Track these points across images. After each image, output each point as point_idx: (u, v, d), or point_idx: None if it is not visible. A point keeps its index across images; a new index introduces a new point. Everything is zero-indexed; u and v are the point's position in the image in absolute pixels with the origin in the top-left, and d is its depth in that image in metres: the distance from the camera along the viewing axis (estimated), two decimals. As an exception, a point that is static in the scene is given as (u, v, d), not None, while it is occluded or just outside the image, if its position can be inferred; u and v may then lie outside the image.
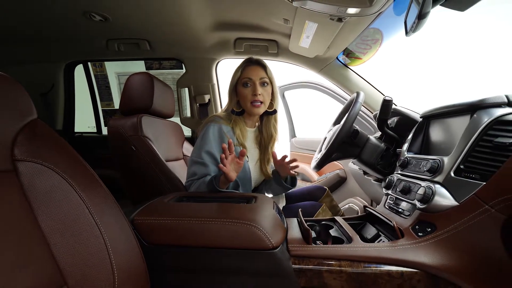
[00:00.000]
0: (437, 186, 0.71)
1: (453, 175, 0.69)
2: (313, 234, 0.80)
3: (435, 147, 0.91)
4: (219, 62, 1.96)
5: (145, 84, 1.31)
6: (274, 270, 0.64)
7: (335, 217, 0.90)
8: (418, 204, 0.73)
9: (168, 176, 1.22)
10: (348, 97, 1.78)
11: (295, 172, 1.09)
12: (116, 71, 2.29)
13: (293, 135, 2.61)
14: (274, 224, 0.68)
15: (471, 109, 0.73)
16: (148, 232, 0.67)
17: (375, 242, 0.76)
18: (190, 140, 1.77)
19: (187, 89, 2.02)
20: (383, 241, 0.75)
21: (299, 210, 0.86)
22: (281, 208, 1.22)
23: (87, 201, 0.50)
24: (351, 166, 1.58)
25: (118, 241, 0.52)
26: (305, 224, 0.74)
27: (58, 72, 2.05)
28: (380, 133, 1.19)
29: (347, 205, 1.72)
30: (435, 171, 0.74)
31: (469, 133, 0.68)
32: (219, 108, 2.06)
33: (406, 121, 1.16)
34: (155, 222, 0.68)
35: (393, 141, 1.13)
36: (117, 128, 1.24)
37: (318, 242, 0.76)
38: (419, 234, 0.68)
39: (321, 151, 1.22)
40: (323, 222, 0.89)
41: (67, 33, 1.61)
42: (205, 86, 1.99)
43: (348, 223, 0.84)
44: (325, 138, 1.28)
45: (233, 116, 1.13)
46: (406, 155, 0.94)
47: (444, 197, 0.68)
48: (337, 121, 1.31)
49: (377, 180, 1.24)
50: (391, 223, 0.74)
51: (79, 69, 2.16)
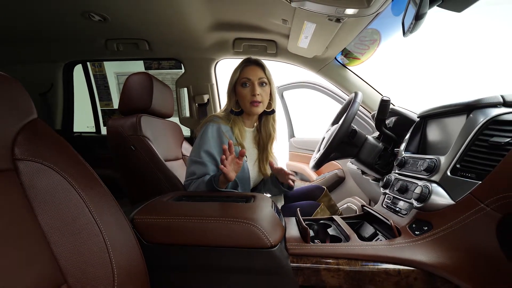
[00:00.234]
0: (434, 185, 0.71)
1: (449, 174, 0.70)
2: (311, 233, 0.81)
3: (432, 146, 0.91)
4: (218, 62, 1.97)
5: (144, 84, 1.31)
6: (272, 268, 0.64)
7: (333, 216, 0.90)
8: (415, 203, 0.74)
9: (167, 175, 1.22)
10: (346, 97, 1.79)
11: (292, 176, 1.10)
12: (115, 71, 2.29)
13: (291, 135, 2.61)
14: (272, 223, 0.69)
15: (467, 109, 0.74)
16: (147, 231, 0.67)
17: (373, 240, 0.76)
18: (189, 140, 1.77)
19: (186, 89, 2.03)
20: (381, 240, 0.75)
21: (298, 209, 0.87)
22: (280, 207, 1.22)
23: (87, 200, 0.50)
24: (350, 165, 1.58)
25: (117, 240, 0.52)
26: (303, 223, 0.75)
27: (57, 72, 2.05)
28: (378, 133, 1.19)
29: (345, 205, 1.72)
30: (431, 170, 0.75)
31: (465, 133, 0.69)
32: (218, 108, 2.07)
33: (403, 121, 1.17)
34: (154, 221, 0.68)
35: (391, 141, 1.14)
36: (117, 128, 1.25)
37: (316, 241, 0.76)
38: (416, 232, 0.69)
39: (319, 151, 1.23)
40: (321, 221, 0.89)
41: (66, 33, 1.61)
42: (204, 86, 1.99)
43: (346, 222, 0.84)
44: (324, 138, 1.29)
45: (232, 116, 1.14)
46: (403, 155, 0.94)
47: (440, 196, 0.69)
48: (335, 121, 1.32)
49: (375, 179, 1.24)
50: (388, 222, 0.74)
51: (78, 69, 2.16)
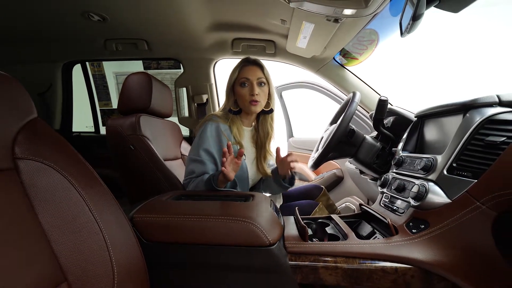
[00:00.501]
0: (431, 184, 0.72)
1: (446, 173, 0.70)
2: (310, 231, 0.81)
3: (429, 146, 0.92)
4: (217, 62, 1.97)
5: (143, 84, 1.31)
6: (271, 266, 0.65)
7: (331, 215, 0.91)
8: (412, 201, 0.75)
9: (166, 175, 1.23)
10: (344, 97, 1.79)
11: (293, 172, 1.11)
12: (114, 70, 2.29)
13: (290, 134, 2.62)
14: (271, 221, 0.69)
15: (463, 108, 0.75)
16: (147, 229, 0.68)
17: (370, 239, 0.77)
18: (188, 139, 1.78)
19: (185, 89, 2.03)
20: (378, 238, 0.76)
21: (296, 208, 0.88)
22: (279, 206, 1.23)
23: (87, 199, 0.50)
24: (348, 165, 1.59)
25: (117, 238, 0.53)
26: (302, 221, 0.75)
27: (56, 71, 2.05)
28: (376, 132, 1.20)
29: (344, 204, 1.73)
30: (428, 169, 0.76)
31: (461, 132, 0.70)
32: (216, 107, 2.07)
33: (401, 121, 1.18)
34: (153, 219, 0.68)
35: (389, 141, 1.14)
36: (116, 127, 1.25)
37: (314, 239, 0.77)
38: (413, 231, 0.70)
39: (318, 150, 1.23)
40: (320, 220, 0.90)
41: (65, 33, 1.61)
42: (203, 86, 2.00)
43: (344, 221, 0.85)
44: (322, 137, 1.29)
45: (230, 115, 1.14)
46: (401, 154, 0.95)
47: (437, 195, 0.69)
48: (333, 121, 1.32)
49: (373, 179, 1.25)
50: (386, 220, 0.75)
51: (77, 69, 2.16)
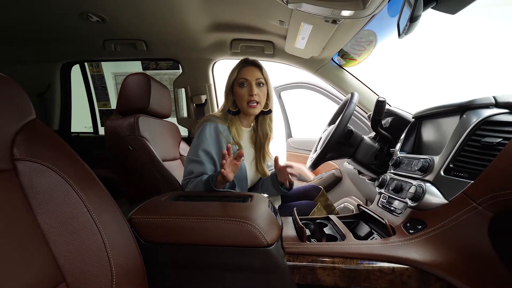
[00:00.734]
0: (428, 184, 0.72)
1: (442, 174, 0.71)
2: (308, 232, 0.82)
3: (426, 146, 0.93)
4: (215, 62, 1.97)
5: (142, 84, 1.31)
6: (269, 266, 0.65)
7: (330, 216, 0.91)
8: (409, 202, 0.75)
9: (165, 175, 1.23)
10: (343, 98, 1.80)
11: (292, 178, 1.11)
12: (113, 71, 2.29)
13: (289, 135, 2.62)
14: (269, 222, 0.69)
15: (460, 109, 0.75)
16: (145, 230, 0.68)
17: (368, 239, 0.77)
18: (186, 140, 1.78)
19: (183, 89, 2.03)
20: (376, 239, 0.76)
21: (294, 209, 0.88)
22: (277, 207, 1.23)
23: (86, 200, 0.50)
24: (346, 165, 1.59)
25: (116, 239, 0.53)
26: (300, 222, 0.76)
27: (54, 72, 2.04)
28: (374, 133, 1.20)
29: (342, 204, 1.74)
30: (426, 170, 0.76)
31: (458, 133, 0.70)
32: (215, 108, 2.08)
33: (399, 121, 1.18)
34: (152, 220, 0.69)
35: (387, 141, 1.15)
36: (114, 128, 1.25)
37: (312, 240, 0.77)
38: (410, 231, 0.70)
39: (316, 151, 1.24)
40: (318, 220, 0.90)
41: (64, 33, 1.61)
42: (201, 86, 2.00)
43: (342, 221, 0.85)
44: (320, 138, 1.30)
45: (229, 115, 1.14)
46: (398, 155, 0.96)
47: (434, 195, 0.70)
48: (332, 121, 1.33)
49: (372, 179, 1.25)
50: (383, 221, 0.75)
51: (76, 69, 2.16)
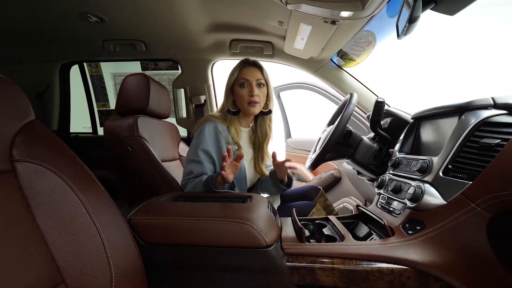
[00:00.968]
0: (427, 185, 0.73)
1: (441, 174, 0.71)
2: (307, 232, 0.82)
3: (425, 147, 0.93)
4: (214, 63, 1.97)
5: (141, 85, 1.31)
6: (268, 267, 0.65)
7: (329, 216, 0.91)
8: (408, 203, 0.75)
9: (164, 176, 1.23)
10: (342, 98, 1.80)
11: (291, 172, 1.11)
12: (112, 71, 2.28)
13: (288, 135, 2.62)
14: (268, 223, 0.69)
15: (459, 110, 0.75)
16: (144, 231, 0.68)
17: (367, 240, 0.78)
18: (186, 140, 1.77)
19: (183, 90, 2.03)
20: (375, 239, 0.76)
21: (293, 209, 0.88)
22: (276, 208, 1.23)
23: (85, 201, 0.50)
24: (346, 166, 1.60)
25: (115, 240, 0.53)
26: (299, 223, 0.76)
27: (53, 72, 2.04)
28: (373, 133, 1.21)
29: (341, 205, 1.74)
30: (424, 171, 0.76)
31: (457, 134, 0.71)
32: (214, 108, 2.07)
33: (398, 122, 1.19)
34: (151, 221, 0.69)
35: (386, 142, 1.15)
36: (113, 128, 1.25)
37: (311, 240, 0.77)
38: (409, 232, 0.70)
39: (315, 151, 1.24)
40: (317, 221, 0.90)
41: (63, 33, 1.61)
42: (201, 87, 2.00)
43: (341, 222, 0.85)
44: (320, 138, 1.30)
45: (228, 115, 1.15)
46: (397, 155, 0.96)
47: (433, 196, 0.70)
48: (331, 122, 1.33)
49: (371, 180, 1.26)
50: (382, 221, 0.75)
51: (75, 70, 2.15)
